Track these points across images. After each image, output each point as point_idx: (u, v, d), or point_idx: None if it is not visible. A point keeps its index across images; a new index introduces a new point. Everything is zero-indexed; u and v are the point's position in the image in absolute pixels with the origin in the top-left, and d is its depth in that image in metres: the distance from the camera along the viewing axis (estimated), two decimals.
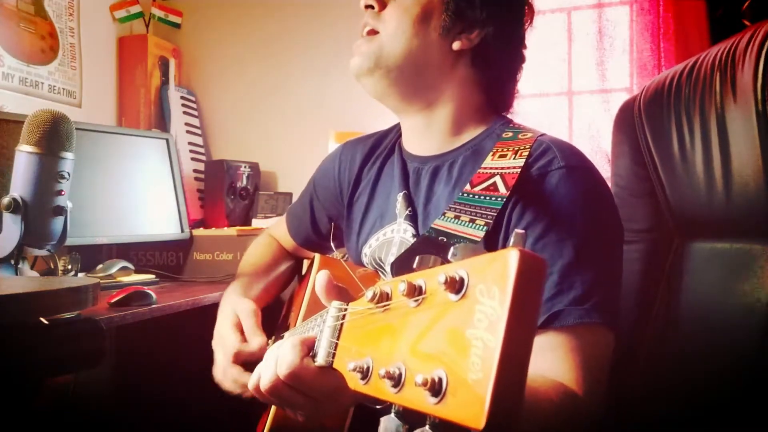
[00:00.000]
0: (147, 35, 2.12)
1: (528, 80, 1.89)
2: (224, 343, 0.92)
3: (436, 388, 0.35)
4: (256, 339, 0.90)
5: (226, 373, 0.90)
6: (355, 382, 0.45)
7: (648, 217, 1.03)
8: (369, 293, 0.45)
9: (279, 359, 0.57)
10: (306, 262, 1.22)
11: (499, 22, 0.90)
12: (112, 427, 1.68)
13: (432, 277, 0.40)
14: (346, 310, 0.53)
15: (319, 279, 0.58)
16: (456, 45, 0.89)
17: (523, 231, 0.38)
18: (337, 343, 0.52)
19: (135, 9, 2.10)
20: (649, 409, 0.97)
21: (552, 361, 0.71)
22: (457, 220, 0.77)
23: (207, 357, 1.03)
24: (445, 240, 0.75)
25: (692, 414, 0.93)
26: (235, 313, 0.96)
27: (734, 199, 0.92)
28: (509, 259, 0.34)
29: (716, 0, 1.62)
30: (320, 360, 0.54)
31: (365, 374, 0.44)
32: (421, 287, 0.40)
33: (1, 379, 0.76)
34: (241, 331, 0.92)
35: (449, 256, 0.41)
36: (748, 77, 0.89)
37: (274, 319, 1.17)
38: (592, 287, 0.74)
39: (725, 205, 0.93)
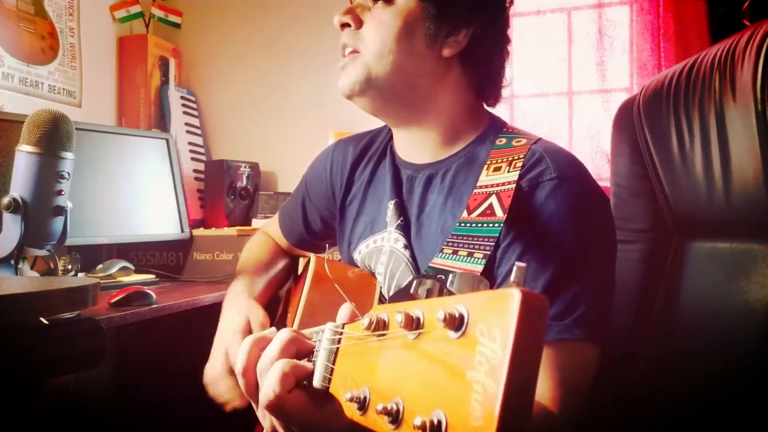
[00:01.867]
0: (147, 35, 2.12)
1: (528, 80, 1.91)
2: (228, 347, 0.90)
3: (435, 431, 0.35)
4: None
5: (218, 382, 0.89)
6: (351, 412, 0.44)
7: (648, 216, 1.03)
8: (365, 320, 0.45)
9: (265, 385, 0.55)
10: (302, 261, 1.21)
11: (483, 16, 0.87)
12: (112, 427, 1.68)
13: (430, 311, 0.39)
14: (341, 333, 0.52)
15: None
16: (446, 52, 0.85)
17: (524, 264, 0.37)
18: (332, 368, 0.51)
19: (135, 9, 2.10)
20: (649, 409, 0.97)
21: None
22: (455, 256, 0.76)
23: (207, 357, 1.03)
24: (443, 278, 0.75)
25: (692, 414, 0.92)
26: (246, 318, 0.93)
27: (734, 198, 0.92)
28: (510, 299, 0.33)
29: (716, 0, 1.62)
30: (316, 383, 0.53)
31: (362, 405, 0.43)
32: (419, 319, 0.40)
33: (1, 379, 0.76)
34: None
35: (447, 284, 0.40)
36: (748, 77, 0.89)
37: (272, 318, 1.17)
38: (574, 302, 0.73)
39: (725, 205, 0.93)
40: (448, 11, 0.85)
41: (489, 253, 0.74)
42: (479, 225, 0.77)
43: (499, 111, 0.98)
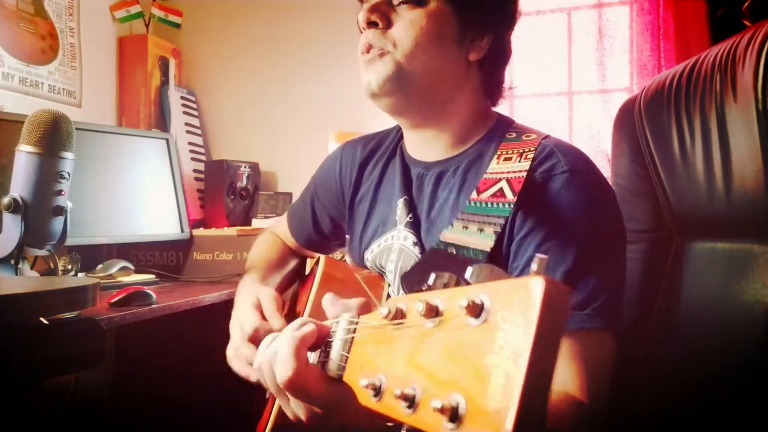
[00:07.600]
0: (147, 35, 2.12)
1: (528, 80, 1.91)
2: (242, 321, 0.88)
3: (453, 414, 0.35)
4: (276, 321, 0.85)
5: (239, 351, 0.86)
6: (367, 399, 0.45)
7: (648, 216, 1.03)
8: (384, 310, 0.45)
9: (280, 361, 0.56)
10: (309, 262, 1.21)
11: (504, 23, 0.90)
12: (112, 427, 1.68)
13: (451, 300, 0.40)
14: (356, 323, 0.53)
15: (324, 303, 0.58)
16: (472, 56, 0.87)
17: (545, 256, 0.37)
18: (347, 357, 0.52)
19: (135, 9, 2.10)
20: (650, 410, 0.97)
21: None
22: (465, 230, 0.77)
23: (207, 357, 1.03)
24: (454, 252, 0.75)
25: (693, 414, 0.92)
26: (256, 296, 0.91)
27: (734, 198, 0.92)
28: (533, 287, 0.33)
29: (716, 0, 1.62)
30: (331, 372, 0.54)
31: (378, 391, 0.44)
32: (437, 307, 0.40)
33: (1, 379, 0.76)
34: (261, 313, 0.88)
35: (467, 276, 0.41)
36: (749, 77, 0.89)
37: None
38: (593, 292, 0.74)
39: (725, 205, 0.93)
40: (475, 17, 0.86)
41: (500, 230, 0.75)
42: (489, 204, 0.78)
43: (499, 111, 0.99)
